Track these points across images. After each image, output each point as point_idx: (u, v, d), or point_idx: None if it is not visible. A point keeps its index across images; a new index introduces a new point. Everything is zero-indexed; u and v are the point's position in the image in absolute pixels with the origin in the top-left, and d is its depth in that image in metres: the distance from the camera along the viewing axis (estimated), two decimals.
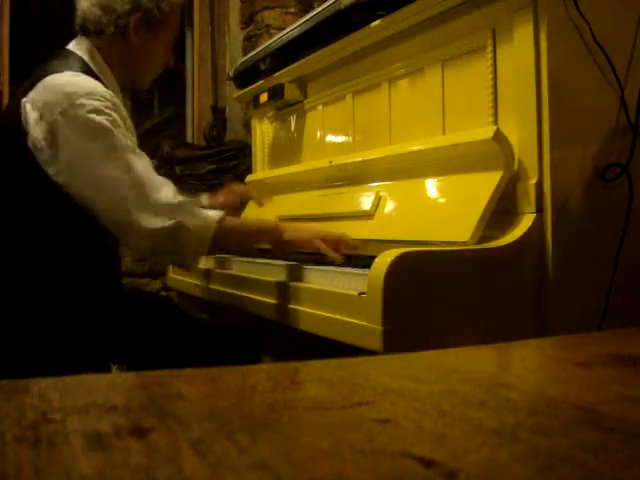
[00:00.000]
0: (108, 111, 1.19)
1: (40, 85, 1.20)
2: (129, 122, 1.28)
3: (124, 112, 1.26)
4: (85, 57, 1.29)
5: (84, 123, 1.16)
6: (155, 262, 1.34)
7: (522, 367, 0.64)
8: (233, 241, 1.31)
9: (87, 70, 1.26)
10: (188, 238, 1.18)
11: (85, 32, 1.32)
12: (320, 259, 1.25)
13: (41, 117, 1.17)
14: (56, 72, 1.21)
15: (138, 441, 0.35)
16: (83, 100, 1.17)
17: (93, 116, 1.17)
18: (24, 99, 1.20)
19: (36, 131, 1.17)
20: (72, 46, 1.32)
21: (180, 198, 1.20)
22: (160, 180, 1.21)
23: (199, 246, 1.20)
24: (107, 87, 1.26)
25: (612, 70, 1.10)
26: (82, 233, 1.26)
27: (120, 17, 1.29)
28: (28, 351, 1.18)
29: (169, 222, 1.16)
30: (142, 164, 1.20)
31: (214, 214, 1.23)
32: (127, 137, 1.21)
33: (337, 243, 1.24)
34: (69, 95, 1.17)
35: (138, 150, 1.22)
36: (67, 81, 1.20)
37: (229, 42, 3.09)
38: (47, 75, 1.21)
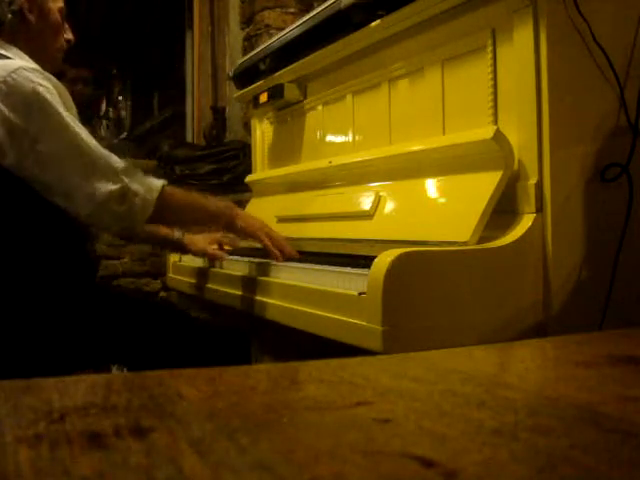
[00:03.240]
0: (44, 82, 1.19)
1: None
2: (67, 94, 1.28)
3: (59, 84, 1.26)
4: (2, 52, 1.29)
5: (21, 97, 1.17)
6: (102, 231, 1.39)
7: (522, 367, 0.64)
8: (180, 211, 1.33)
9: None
10: (134, 201, 1.21)
11: None
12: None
13: None
14: None
15: (138, 441, 0.35)
16: (14, 75, 1.18)
17: (28, 89, 1.17)
18: None
19: None
20: None
21: (124, 163, 1.23)
22: (102, 148, 1.23)
23: (144, 210, 1.23)
24: None
25: (612, 70, 1.10)
26: (54, 229, 1.26)
27: (11, 3, 1.31)
28: (28, 351, 1.18)
29: (116, 185, 1.19)
30: (84, 133, 1.22)
31: (158, 180, 1.26)
32: (65, 107, 1.22)
33: (281, 244, 1.34)
34: (0, 74, 1.17)
35: (77, 120, 1.23)
36: None
37: (229, 42, 3.09)
38: None
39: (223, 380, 0.52)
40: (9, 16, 1.31)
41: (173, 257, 1.93)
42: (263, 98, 1.85)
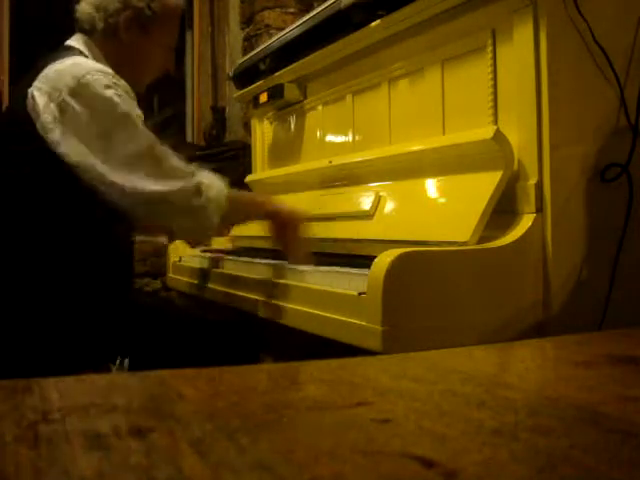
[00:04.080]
0: (115, 85, 1.20)
1: (44, 72, 1.21)
2: (134, 100, 1.28)
3: (129, 89, 1.26)
4: (84, 50, 1.31)
5: (93, 99, 1.17)
6: (177, 235, 1.46)
7: (522, 367, 0.64)
8: (242, 207, 1.36)
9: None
10: (210, 194, 1.24)
11: (80, 31, 1.35)
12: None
13: (50, 100, 1.18)
14: (58, 61, 1.23)
15: (138, 441, 0.35)
16: (89, 77, 1.18)
17: (101, 91, 1.18)
18: (30, 89, 1.20)
19: (46, 114, 1.18)
20: (70, 42, 1.34)
21: (193, 165, 1.27)
22: (169, 150, 1.25)
23: (220, 203, 1.25)
24: None
25: (612, 70, 1.10)
26: (95, 229, 1.26)
27: (111, 15, 1.31)
28: (28, 351, 1.17)
29: (191, 181, 1.23)
30: (152, 135, 1.23)
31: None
32: (135, 108, 1.23)
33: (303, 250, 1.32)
34: (75, 75, 1.19)
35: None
36: (71, 64, 1.22)
37: (229, 42, 3.09)
38: (50, 65, 1.22)
39: (223, 380, 0.52)
40: (101, 25, 1.32)
41: (173, 257, 1.93)
42: (263, 98, 1.85)
